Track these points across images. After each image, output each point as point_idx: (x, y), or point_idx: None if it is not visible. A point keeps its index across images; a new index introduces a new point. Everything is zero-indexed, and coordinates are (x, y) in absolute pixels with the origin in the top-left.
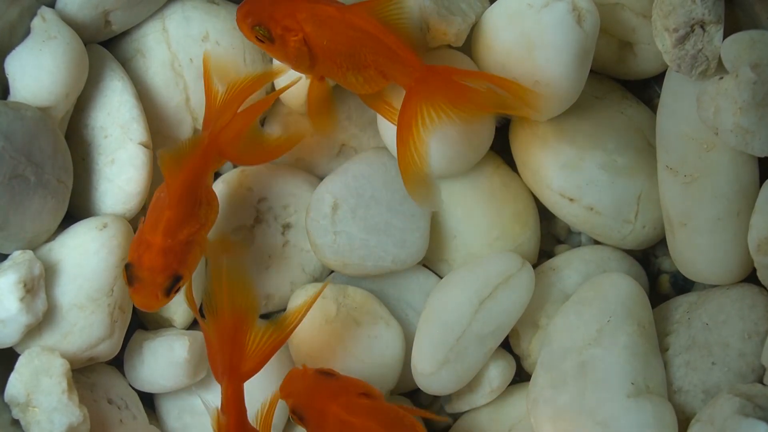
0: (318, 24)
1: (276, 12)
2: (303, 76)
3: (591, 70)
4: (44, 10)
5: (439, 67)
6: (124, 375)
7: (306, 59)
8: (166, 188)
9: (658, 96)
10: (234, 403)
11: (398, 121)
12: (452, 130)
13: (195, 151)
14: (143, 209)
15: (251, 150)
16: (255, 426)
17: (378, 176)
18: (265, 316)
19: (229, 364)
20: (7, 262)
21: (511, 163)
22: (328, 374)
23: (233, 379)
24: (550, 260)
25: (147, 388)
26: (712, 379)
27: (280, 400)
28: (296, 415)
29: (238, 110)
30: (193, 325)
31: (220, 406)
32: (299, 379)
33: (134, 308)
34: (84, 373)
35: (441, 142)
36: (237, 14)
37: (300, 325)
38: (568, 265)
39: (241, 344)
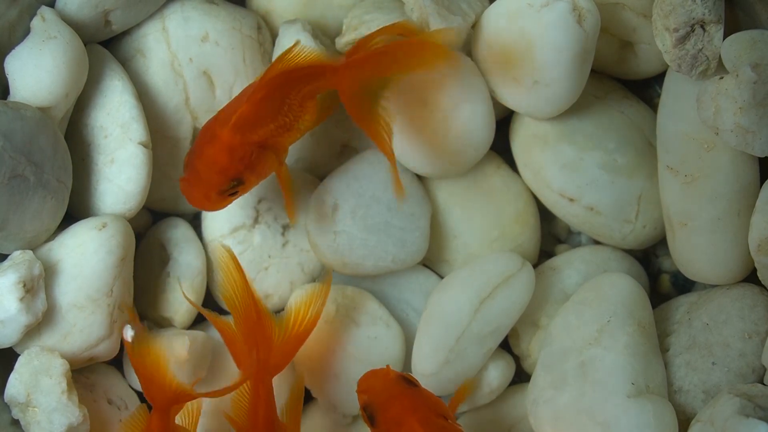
0: (245, 128)
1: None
2: None
3: (591, 70)
4: (44, 10)
5: (350, 54)
6: (123, 375)
7: (274, 162)
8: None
9: (659, 96)
10: (264, 398)
11: (357, 120)
12: (451, 130)
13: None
14: (143, 209)
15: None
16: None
17: (378, 176)
18: None
19: (256, 360)
20: (6, 262)
21: (511, 163)
22: (410, 382)
23: (262, 374)
24: (551, 260)
25: None
26: (713, 379)
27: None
28: (367, 413)
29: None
30: (193, 325)
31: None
32: (380, 379)
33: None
34: (84, 374)
35: (441, 142)
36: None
37: (300, 325)
38: (569, 265)
39: (268, 339)
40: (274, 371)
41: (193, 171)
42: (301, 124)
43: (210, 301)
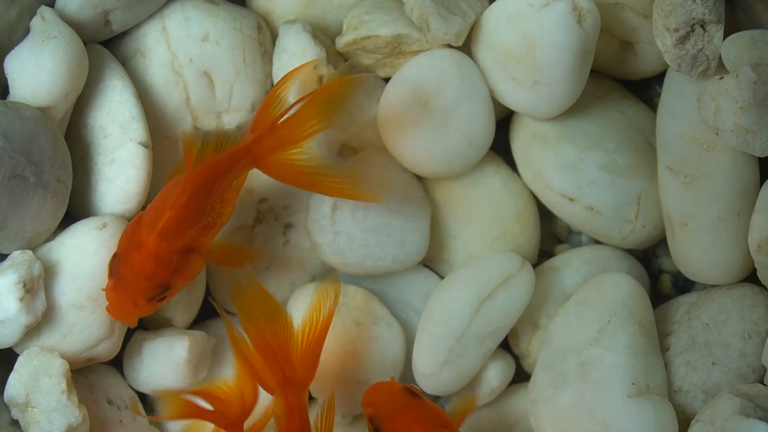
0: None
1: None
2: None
3: (591, 70)
4: (44, 10)
5: (254, 128)
6: (123, 375)
7: (200, 263)
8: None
9: (659, 96)
10: (298, 414)
11: (298, 184)
12: (451, 130)
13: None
14: (143, 209)
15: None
16: None
17: (378, 176)
18: None
19: (283, 376)
20: (6, 262)
21: (511, 163)
22: (414, 394)
23: (292, 390)
24: (551, 260)
25: (147, 389)
26: (713, 379)
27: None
28: (374, 426)
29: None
30: (193, 325)
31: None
32: (385, 391)
33: None
34: (83, 374)
35: (441, 142)
36: None
37: (314, 333)
38: (569, 265)
39: (287, 354)
40: (303, 386)
41: (120, 279)
42: (224, 216)
43: (209, 301)
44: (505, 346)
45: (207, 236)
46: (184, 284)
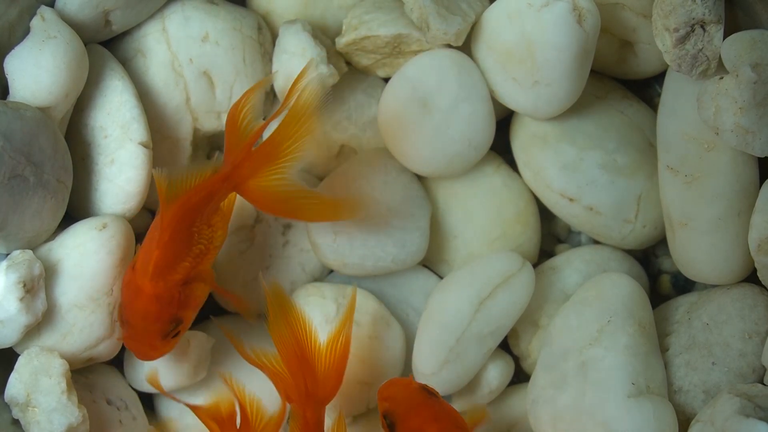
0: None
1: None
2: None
3: (591, 70)
4: (44, 10)
5: (228, 156)
6: (123, 375)
7: (203, 288)
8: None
9: (659, 96)
10: (315, 429)
11: (277, 212)
12: (451, 130)
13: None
14: (143, 209)
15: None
16: None
17: (378, 176)
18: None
19: (305, 390)
20: (6, 262)
21: (511, 163)
22: (431, 393)
23: (312, 405)
24: (551, 260)
25: (147, 389)
26: (713, 379)
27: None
28: (387, 421)
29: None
30: (193, 325)
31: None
32: (402, 388)
33: None
34: (83, 374)
35: (441, 142)
36: None
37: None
38: (569, 264)
39: (312, 368)
40: (323, 402)
41: (131, 327)
42: (216, 240)
43: (211, 301)
44: (505, 346)
45: (204, 263)
46: (194, 313)
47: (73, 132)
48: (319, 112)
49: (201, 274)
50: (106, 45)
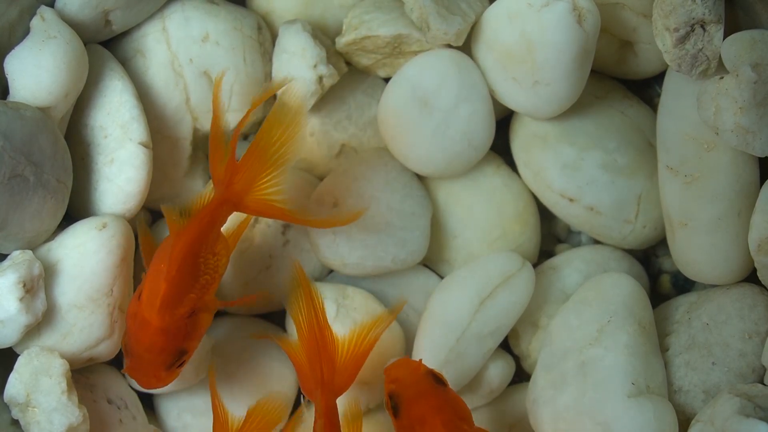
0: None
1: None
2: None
3: (591, 70)
4: (44, 10)
5: (216, 176)
6: (123, 375)
7: (207, 319)
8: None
9: (659, 96)
10: (328, 418)
11: (280, 218)
12: (451, 130)
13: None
14: (143, 209)
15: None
16: None
17: (378, 176)
18: (264, 317)
19: (321, 380)
20: (6, 262)
21: (511, 163)
22: (439, 381)
23: (326, 394)
24: (551, 260)
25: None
26: (713, 379)
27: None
28: (392, 402)
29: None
30: None
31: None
32: (410, 370)
33: None
34: (83, 374)
35: (441, 142)
36: None
37: (360, 347)
38: (569, 264)
39: (331, 359)
40: (338, 391)
41: (136, 358)
42: (221, 269)
43: None
44: (505, 346)
45: (208, 293)
46: (197, 343)
47: (72, 132)
48: (302, 112)
49: (206, 304)
50: (106, 45)
